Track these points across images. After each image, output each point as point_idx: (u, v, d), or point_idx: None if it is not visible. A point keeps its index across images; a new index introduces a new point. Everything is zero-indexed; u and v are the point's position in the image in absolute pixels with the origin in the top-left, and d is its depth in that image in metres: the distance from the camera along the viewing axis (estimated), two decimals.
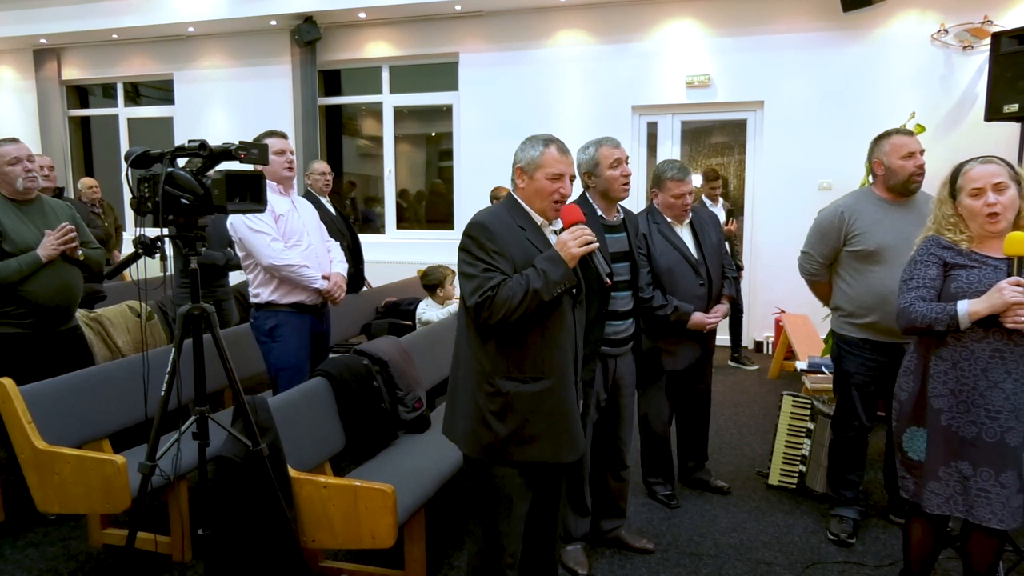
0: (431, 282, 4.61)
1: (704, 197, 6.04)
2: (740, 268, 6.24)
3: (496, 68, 7.26)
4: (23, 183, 3.29)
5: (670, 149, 7.04)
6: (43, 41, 8.32)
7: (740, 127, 7.00)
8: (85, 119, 9.26)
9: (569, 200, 2.31)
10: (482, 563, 2.29)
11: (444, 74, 7.65)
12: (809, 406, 3.71)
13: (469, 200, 7.29)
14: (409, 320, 5.09)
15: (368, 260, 5.60)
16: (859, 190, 3.34)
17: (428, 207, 8.39)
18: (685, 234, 3.45)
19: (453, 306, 4.57)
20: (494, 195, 5.90)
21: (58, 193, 4.65)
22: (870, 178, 3.25)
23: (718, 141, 7.29)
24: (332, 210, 5.11)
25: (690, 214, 3.48)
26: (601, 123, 6.83)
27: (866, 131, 4.20)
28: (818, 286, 3.35)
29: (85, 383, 3.18)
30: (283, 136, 3.48)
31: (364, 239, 5.59)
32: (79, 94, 9.17)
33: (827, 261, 3.20)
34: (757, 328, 6.85)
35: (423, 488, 2.84)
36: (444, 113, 7.90)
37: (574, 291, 2.21)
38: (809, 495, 3.65)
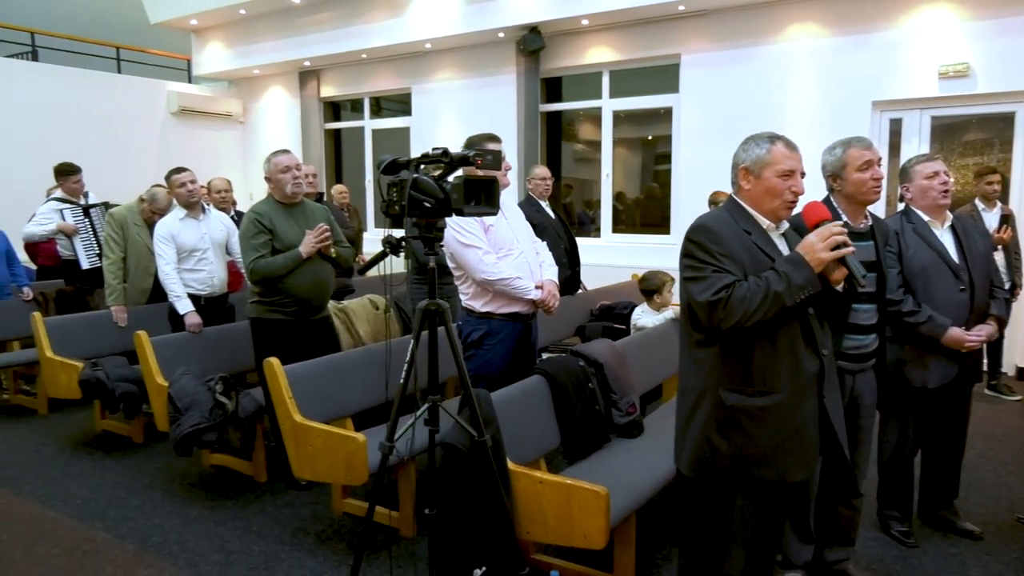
0: (649, 287, 4.56)
1: (977, 201, 5.28)
2: (1016, 286, 5.29)
3: (720, 68, 7.02)
4: (291, 188, 3.77)
5: (917, 148, 6.34)
6: (307, 63, 9.45)
7: (1005, 121, 6.12)
8: (337, 131, 10.38)
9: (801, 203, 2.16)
10: None
11: (664, 76, 7.54)
12: None
13: (687, 204, 7.12)
14: (623, 324, 5.08)
15: (584, 263, 5.69)
16: None
17: (643, 211, 8.33)
18: (946, 237, 3.05)
19: (669, 312, 4.48)
20: (713, 200, 5.71)
21: (319, 198, 5.26)
22: None
23: (975, 138, 6.44)
24: (551, 214, 5.25)
25: (951, 216, 3.10)
26: (836, 122, 6.33)
27: None
28: None
29: (334, 367, 3.57)
30: (499, 140, 3.39)
31: (580, 242, 5.68)
32: (333, 109, 10.30)
33: None
34: (1021, 353, 5.95)
35: (636, 494, 2.82)
36: (661, 116, 7.79)
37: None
38: None
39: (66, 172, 5.98)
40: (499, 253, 3.29)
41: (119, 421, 4.85)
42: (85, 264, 5.94)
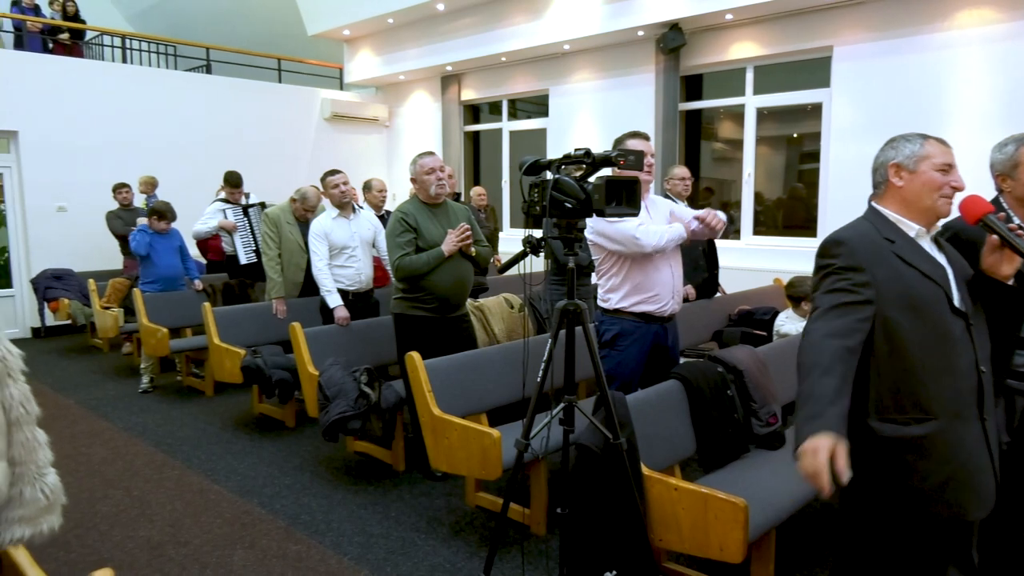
0: (797, 293, 4.34)
1: None
2: None
3: (877, 60, 6.56)
4: (435, 189, 3.90)
5: None
6: (448, 68, 9.76)
7: None
8: (475, 133, 10.65)
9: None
10: None
11: (813, 71, 7.14)
12: None
13: (837, 205, 6.71)
14: (763, 330, 4.88)
15: (722, 266, 5.51)
16: None
17: (786, 212, 7.94)
18: None
19: None
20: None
21: (456, 198, 5.43)
22: None
23: None
24: None
25: None
26: (1013, 116, 5.75)
27: None
28: None
29: (471, 363, 3.66)
30: (646, 138, 3.36)
31: (718, 244, 5.51)
32: (472, 112, 10.58)
33: None
34: None
35: (775, 509, 2.70)
36: (808, 113, 7.39)
37: (961, 308, 1.87)
38: None
39: (229, 182, 6.66)
40: None
41: (274, 405, 5.23)
42: (243, 259, 6.49)
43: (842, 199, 6.61)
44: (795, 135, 7.96)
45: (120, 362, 7.21)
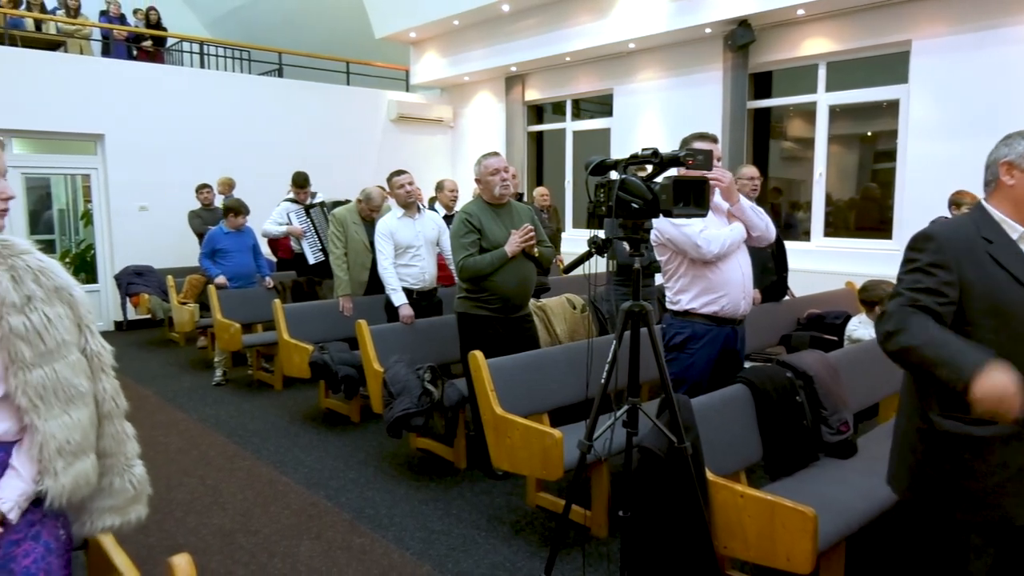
0: (870, 298, 4.19)
1: None
2: None
3: (959, 54, 6.27)
4: (499, 190, 3.92)
5: None
6: (513, 69, 9.80)
7: None
8: (539, 133, 10.66)
9: None
10: None
11: (889, 66, 6.88)
12: None
13: (915, 206, 6.44)
14: (834, 335, 4.72)
15: (791, 268, 5.36)
16: None
17: (858, 213, 7.67)
18: None
19: None
20: (955, 200, 5.11)
21: (519, 198, 5.45)
22: None
23: None
24: None
25: None
26: None
27: None
28: None
29: (533, 363, 3.66)
30: (714, 140, 3.31)
31: (789, 246, 5.37)
32: (536, 112, 10.59)
33: None
34: None
35: (845, 520, 2.62)
36: (884, 110, 7.12)
37: None
38: None
39: (296, 183, 6.95)
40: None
41: (340, 401, 5.35)
42: (311, 260, 6.73)
43: (920, 199, 6.34)
44: (869, 133, 7.69)
45: (195, 355, 7.50)
